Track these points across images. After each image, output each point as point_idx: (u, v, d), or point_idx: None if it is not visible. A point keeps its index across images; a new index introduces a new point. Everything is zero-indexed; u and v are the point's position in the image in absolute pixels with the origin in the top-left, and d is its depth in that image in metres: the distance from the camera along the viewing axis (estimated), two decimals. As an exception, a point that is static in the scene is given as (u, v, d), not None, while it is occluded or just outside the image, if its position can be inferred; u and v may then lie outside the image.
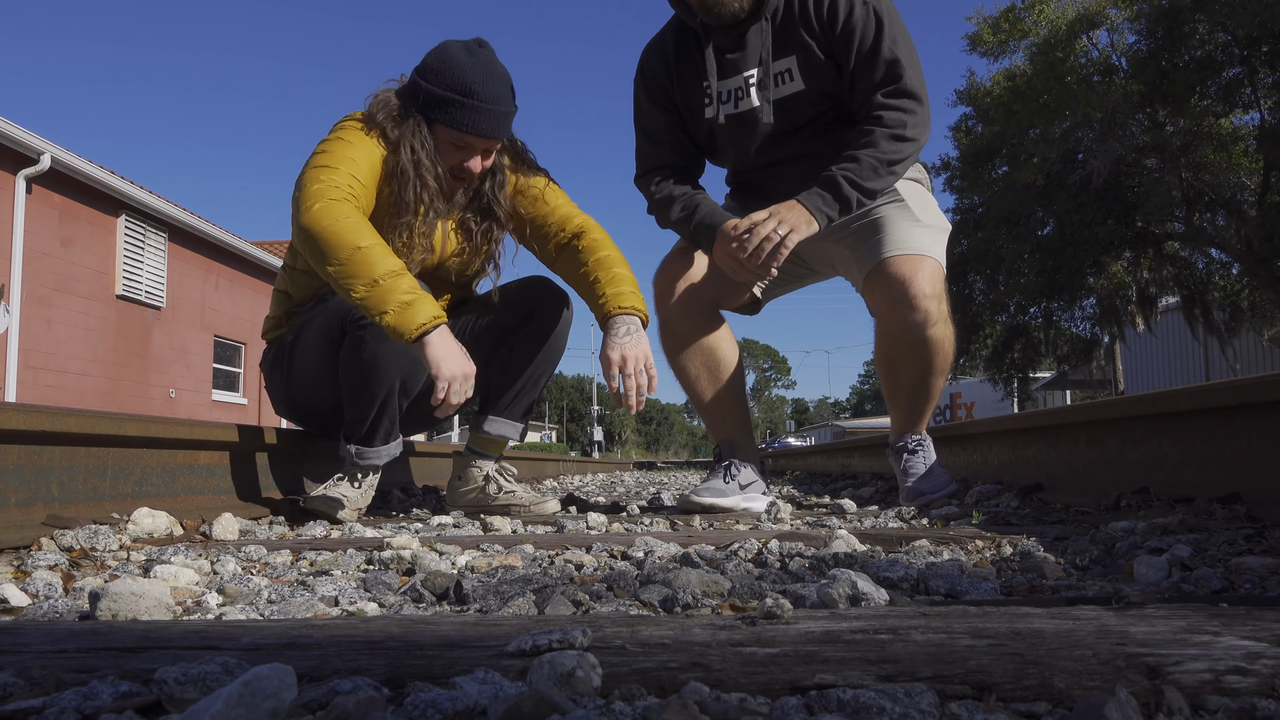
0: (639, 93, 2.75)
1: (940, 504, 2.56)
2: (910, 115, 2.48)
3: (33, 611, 1.14)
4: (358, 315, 2.34)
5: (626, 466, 19.21)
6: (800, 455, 10.14)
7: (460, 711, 0.63)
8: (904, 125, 2.47)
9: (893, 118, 2.47)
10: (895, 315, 2.52)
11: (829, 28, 2.50)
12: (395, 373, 2.44)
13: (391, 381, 2.45)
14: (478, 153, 2.49)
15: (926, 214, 2.65)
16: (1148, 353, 25.77)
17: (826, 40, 2.51)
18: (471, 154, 2.48)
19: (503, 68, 2.48)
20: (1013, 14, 19.19)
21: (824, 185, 2.45)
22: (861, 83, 2.51)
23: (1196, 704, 0.66)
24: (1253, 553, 1.38)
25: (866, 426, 48.34)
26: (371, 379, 2.44)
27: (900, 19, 2.54)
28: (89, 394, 12.98)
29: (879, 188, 2.48)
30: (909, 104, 2.48)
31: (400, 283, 2.15)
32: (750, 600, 1.17)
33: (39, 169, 11.67)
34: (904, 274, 2.48)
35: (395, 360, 2.41)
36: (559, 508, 2.81)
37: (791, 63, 2.55)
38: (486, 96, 2.41)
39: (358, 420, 2.53)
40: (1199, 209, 17.77)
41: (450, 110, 2.41)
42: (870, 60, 2.48)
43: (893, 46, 2.47)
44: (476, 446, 2.86)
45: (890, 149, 2.45)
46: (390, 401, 2.50)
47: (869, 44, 2.48)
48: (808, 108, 2.59)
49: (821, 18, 2.51)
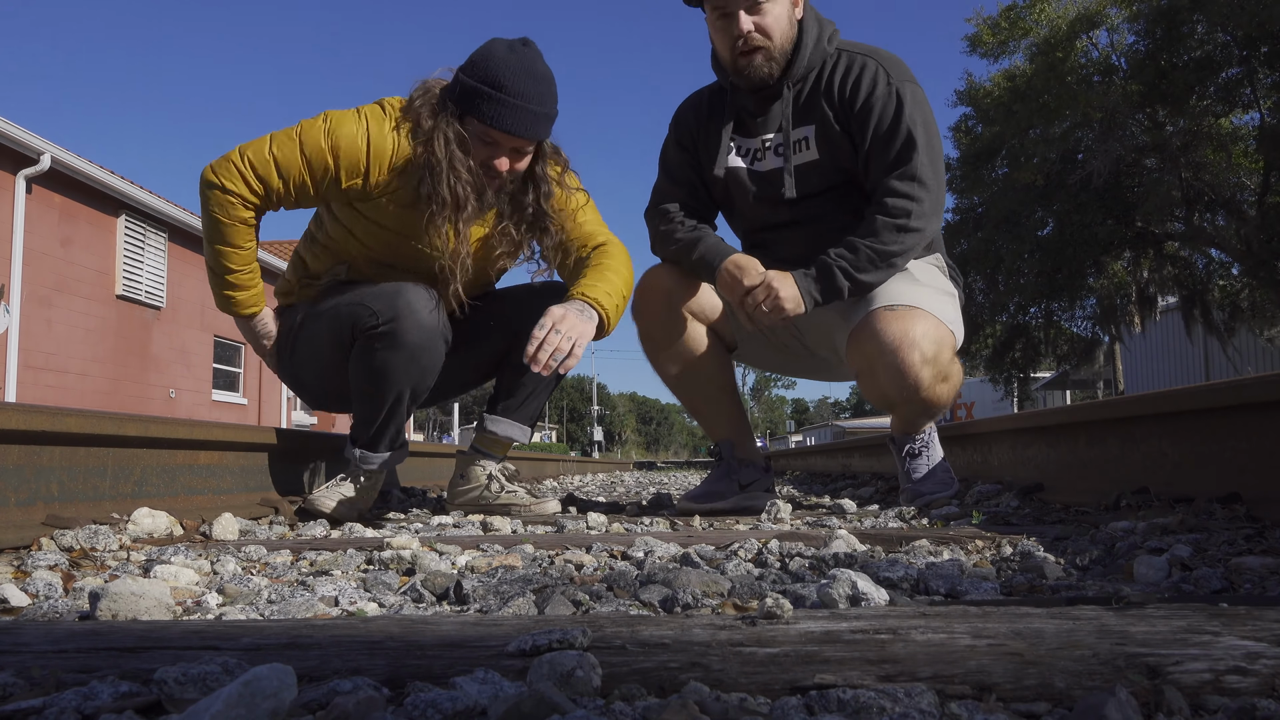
0: (669, 136, 2.83)
1: (940, 504, 2.56)
2: (916, 204, 2.44)
3: (33, 611, 1.14)
4: (369, 324, 2.37)
5: (626, 466, 19.21)
6: (800, 455, 10.13)
7: (460, 711, 0.63)
8: (909, 214, 2.43)
9: (898, 205, 2.43)
10: (878, 376, 2.46)
11: (849, 103, 2.51)
12: (405, 381, 2.44)
13: (401, 389, 2.46)
14: (505, 151, 2.41)
15: (930, 278, 2.61)
16: (1148, 353, 25.77)
17: (845, 114, 2.52)
18: (499, 152, 2.40)
19: (546, 68, 2.41)
20: (1013, 13, 19.19)
21: (819, 270, 2.44)
22: (875, 162, 2.50)
23: (1196, 704, 0.66)
24: (1253, 553, 1.38)
25: (866, 426, 48.32)
26: (381, 386, 2.45)
27: (926, 103, 2.52)
28: (89, 394, 12.98)
29: (874, 281, 2.46)
30: (917, 190, 2.44)
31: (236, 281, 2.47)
32: (750, 600, 1.17)
33: (39, 169, 11.67)
34: (893, 331, 2.40)
35: (405, 369, 2.42)
36: (559, 508, 2.79)
37: (809, 131, 2.57)
38: (517, 92, 2.34)
39: (365, 424, 2.54)
40: (1199, 209, 17.78)
41: (479, 103, 2.35)
42: (886, 141, 2.47)
43: (910, 128, 2.45)
44: (482, 446, 2.84)
45: (891, 240, 2.43)
46: (398, 408, 2.51)
47: (886, 124, 2.47)
48: (820, 178, 2.59)
49: (845, 92, 2.52)
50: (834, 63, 2.55)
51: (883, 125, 2.47)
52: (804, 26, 2.54)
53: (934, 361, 2.41)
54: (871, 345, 2.44)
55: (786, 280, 2.43)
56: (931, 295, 2.53)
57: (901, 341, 2.38)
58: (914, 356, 2.38)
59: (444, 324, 2.48)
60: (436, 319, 2.43)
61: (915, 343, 2.38)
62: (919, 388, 2.42)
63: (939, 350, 2.42)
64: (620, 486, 6.75)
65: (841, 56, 2.55)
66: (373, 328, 2.37)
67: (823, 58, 2.55)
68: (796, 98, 2.57)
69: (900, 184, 2.44)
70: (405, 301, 2.38)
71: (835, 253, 2.44)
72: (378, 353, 2.39)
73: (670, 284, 2.72)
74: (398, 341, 2.38)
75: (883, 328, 2.41)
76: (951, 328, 2.51)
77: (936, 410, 2.56)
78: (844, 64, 2.54)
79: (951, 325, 2.52)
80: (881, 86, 2.48)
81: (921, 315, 2.42)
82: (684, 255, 2.64)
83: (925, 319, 2.42)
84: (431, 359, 2.45)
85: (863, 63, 2.52)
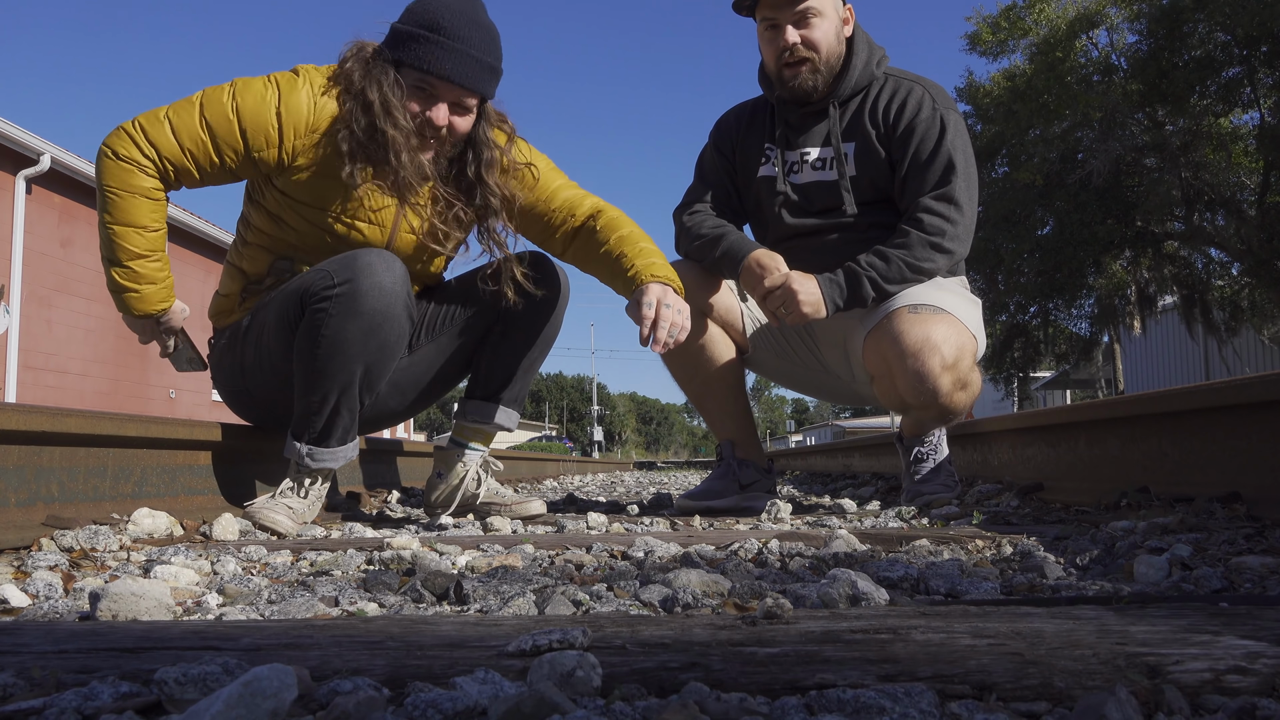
0: (709, 142, 2.88)
1: (941, 504, 2.56)
2: (951, 225, 2.47)
3: (33, 612, 1.14)
4: (320, 288, 2.11)
5: (626, 466, 19.21)
6: (800, 455, 10.14)
7: (460, 711, 0.63)
8: (943, 234, 2.46)
9: (933, 224, 2.46)
10: (896, 380, 2.45)
11: (894, 125, 2.55)
12: (360, 358, 2.15)
13: (354, 367, 2.16)
14: (443, 101, 2.18)
15: (953, 286, 2.63)
16: (1148, 353, 25.76)
17: (888, 136, 2.56)
18: (436, 103, 2.17)
19: (489, 20, 2.22)
20: (1012, 13, 19.18)
21: (846, 276, 2.46)
22: (913, 182, 2.53)
23: (1196, 704, 0.66)
24: (1253, 552, 1.38)
25: (867, 426, 48.33)
26: (331, 362, 2.15)
27: (966, 133, 2.57)
28: (89, 394, 12.97)
29: (897, 294, 2.47)
30: (953, 212, 2.48)
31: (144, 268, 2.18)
32: (750, 600, 1.17)
33: (39, 169, 11.67)
34: (914, 334, 2.39)
35: (361, 343, 2.13)
36: (543, 509, 2.62)
37: (850, 149, 2.60)
38: (457, 36, 2.13)
39: (311, 413, 2.22)
40: (1199, 209, 17.77)
41: (415, 47, 2.14)
42: (927, 163, 2.51)
43: (951, 154, 2.50)
44: (464, 438, 2.59)
45: (923, 256, 2.45)
46: (350, 392, 2.20)
47: (929, 147, 2.51)
48: (855, 194, 2.61)
49: (890, 113, 2.56)
50: (881, 85, 2.61)
51: (925, 148, 2.51)
52: (854, 47, 2.60)
53: (954, 368, 2.40)
54: (891, 348, 2.43)
55: (809, 282, 2.44)
56: (955, 299, 2.54)
57: (922, 346, 2.37)
58: (934, 362, 2.37)
59: (409, 295, 2.21)
60: (400, 285, 2.16)
61: (936, 347, 2.37)
62: (937, 394, 2.40)
63: (960, 356, 2.41)
64: (620, 486, 6.75)
65: (889, 80, 2.62)
66: (327, 288, 2.10)
67: (870, 79, 2.61)
68: (842, 115, 2.60)
69: (938, 204, 2.48)
70: (366, 261, 2.12)
71: (866, 261, 2.45)
72: (331, 320, 2.11)
73: (689, 281, 2.74)
74: (354, 306, 2.10)
75: (904, 329, 2.40)
76: (974, 332, 2.51)
77: (952, 418, 2.56)
78: (890, 87, 2.60)
79: (974, 330, 2.52)
80: (926, 111, 2.53)
81: (944, 318, 2.42)
82: (709, 250, 2.65)
83: (948, 322, 2.42)
84: (392, 331, 2.17)
85: (909, 88, 2.58)
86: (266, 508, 2.16)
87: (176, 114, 2.13)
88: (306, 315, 2.15)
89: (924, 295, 2.48)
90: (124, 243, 2.15)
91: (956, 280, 2.71)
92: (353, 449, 2.32)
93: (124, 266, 2.18)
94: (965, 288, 2.74)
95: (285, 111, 2.14)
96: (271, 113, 2.13)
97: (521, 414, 2.67)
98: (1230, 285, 19.49)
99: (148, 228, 2.16)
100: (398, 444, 4.29)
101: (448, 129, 2.21)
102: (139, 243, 2.16)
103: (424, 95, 2.17)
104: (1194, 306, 19.26)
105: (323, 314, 2.12)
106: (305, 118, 2.15)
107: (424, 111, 2.17)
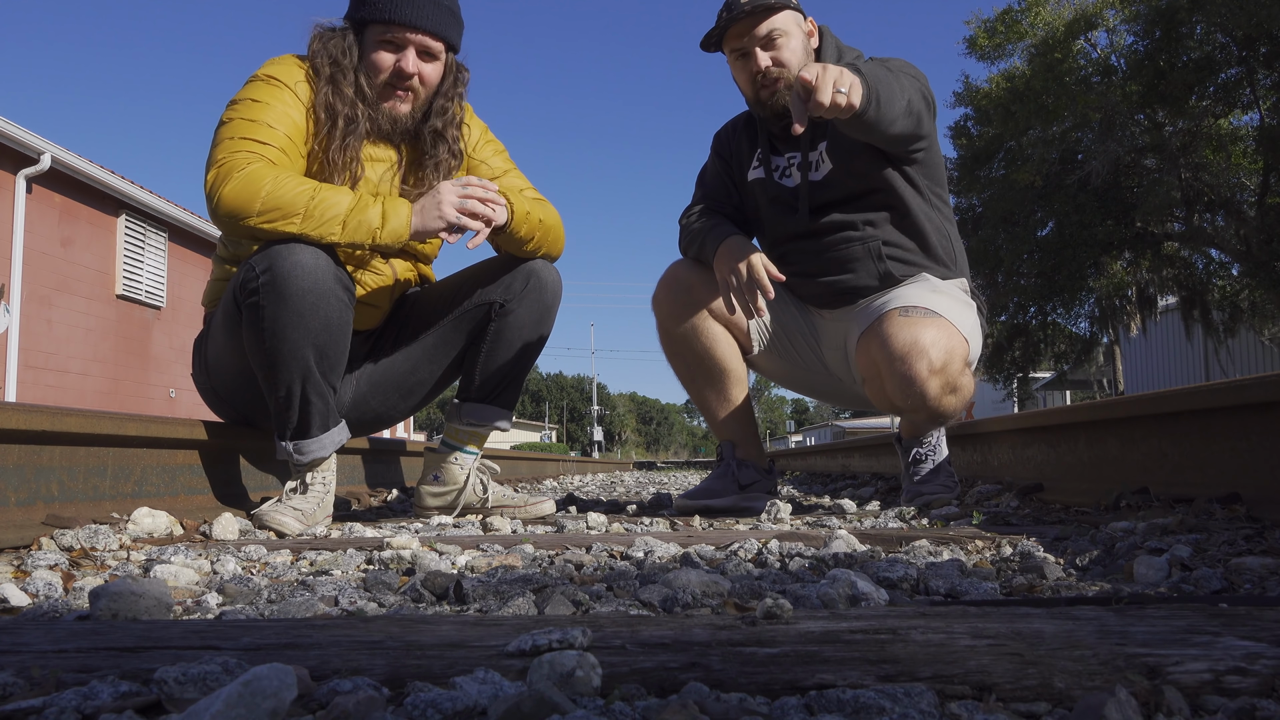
0: (710, 153, 2.94)
1: (940, 504, 2.56)
2: (916, 81, 2.44)
3: (33, 611, 1.14)
4: (248, 281, 2.07)
5: (626, 466, 19.21)
6: (800, 455, 10.14)
7: (460, 711, 0.63)
8: (908, 73, 2.43)
9: (898, 63, 2.47)
10: (885, 383, 2.45)
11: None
12: (305, 341, 2.09)
13: (304, 352, 2.10)
14: (410, 47, 2.23)
15: (950, 289, 2.63)
16: (1148, 353, 25.77)
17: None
18: (402, 49, 2.23)
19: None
20: (1009, 16, 19.18)
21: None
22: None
23: (1196, 704, 0.67)
24: (1253, 553, 1.38)
25: (866, 426, 48.33)
26: (280, 351, 2.10)
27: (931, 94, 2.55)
28: (89, 394, 12.97)
29: (871, 84, 2.17)
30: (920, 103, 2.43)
31: (329, 196, 2.08)
32: (750, 600, 1.17)
33: (39, 169, 11.66)
34: (902, 338, 2.38)
35: (301, 325, 2.07)
36: (554, 509, 2.64)
37: (823, 146, 2.65)
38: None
39: (282, 409, 2.18)
40: (1198, 209, 17.77)
41: (376, 1, 2.20)
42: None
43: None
44: (458, 441, 2.55)
45: (908, 79, 2.38)
46: (311, 378, 2.14)
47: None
48: (839, 187, 2.64)
49: None
50: None
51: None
52: (822, 56, 2.63)
53: (942, 372, 2.38)
54: (879, 351, 2.43)
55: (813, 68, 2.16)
56: (949, 302, 2.53)
57: (910, 349, 2.36)
58: (921, 365, 2.36)
59: (338, 271, 2.15)
60: (322, 259, 2.10)
61: (924, 351, 2.36)
62: (925, 398, 2.40)
63: (948, 360, 2.39)
64: (620, 486, 6.75)
65: None
66: (251, 280, 2.07)
67: None
68: (814, 120, 2.59)
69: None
70: (285, 247, 2.07)
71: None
72: (265, 310, 2.06)
73: (693, 279, 2.76)
74: (282, 290, 2.05)
75: (893, 332, 2.40)
76: (966, 336, 2.50)
77: (943, 420, 2.57)
78: None
79: (967, 334, 2.50)
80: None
81: (934, 322, 2.41)
82: (694, 241, 2.72)
83: (937, 326, 2.40)
84: (329, 306, 2.11)
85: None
86: (274, 510, 2.15)
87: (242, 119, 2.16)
88: (244, 312, 2.13)
89: (916, 298, 2.48)
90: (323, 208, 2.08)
91: (954, 283, 2.72)
92: (339, 433, 2.27)
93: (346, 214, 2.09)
94: (964, 291, 2.74)
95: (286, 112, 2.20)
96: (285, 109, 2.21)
97: (516, 414, 2.67)
98: (1230, 286, 19.49)
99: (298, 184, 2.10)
100: (400, 444, 4.29)
101: (418, 78, 2.27)
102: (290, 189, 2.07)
103: (392, 46, 2.24)
104: (1193, 307, 19.27)
105: (256, 306, 2.09)
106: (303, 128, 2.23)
107: (396, 62, 2.24)
